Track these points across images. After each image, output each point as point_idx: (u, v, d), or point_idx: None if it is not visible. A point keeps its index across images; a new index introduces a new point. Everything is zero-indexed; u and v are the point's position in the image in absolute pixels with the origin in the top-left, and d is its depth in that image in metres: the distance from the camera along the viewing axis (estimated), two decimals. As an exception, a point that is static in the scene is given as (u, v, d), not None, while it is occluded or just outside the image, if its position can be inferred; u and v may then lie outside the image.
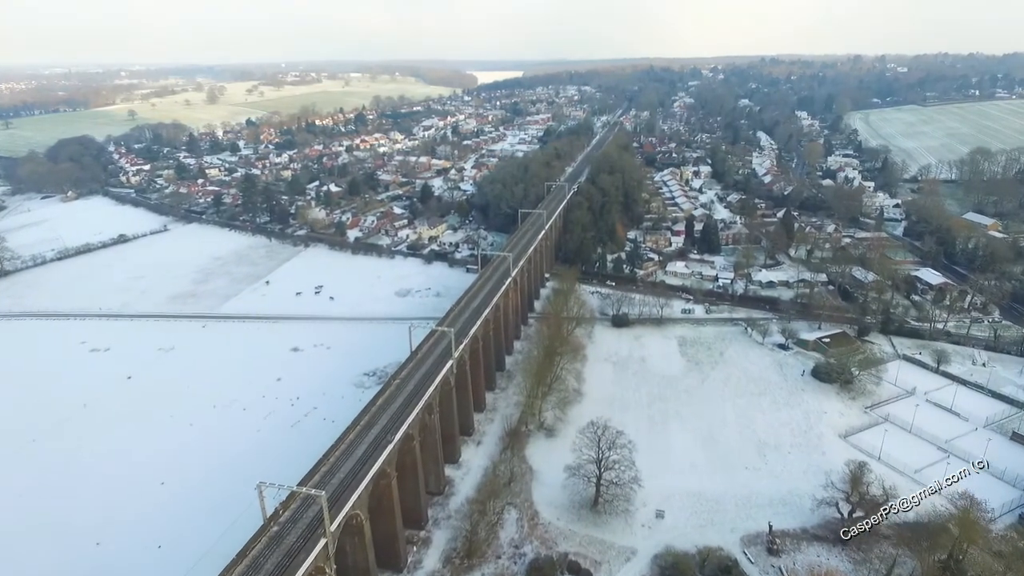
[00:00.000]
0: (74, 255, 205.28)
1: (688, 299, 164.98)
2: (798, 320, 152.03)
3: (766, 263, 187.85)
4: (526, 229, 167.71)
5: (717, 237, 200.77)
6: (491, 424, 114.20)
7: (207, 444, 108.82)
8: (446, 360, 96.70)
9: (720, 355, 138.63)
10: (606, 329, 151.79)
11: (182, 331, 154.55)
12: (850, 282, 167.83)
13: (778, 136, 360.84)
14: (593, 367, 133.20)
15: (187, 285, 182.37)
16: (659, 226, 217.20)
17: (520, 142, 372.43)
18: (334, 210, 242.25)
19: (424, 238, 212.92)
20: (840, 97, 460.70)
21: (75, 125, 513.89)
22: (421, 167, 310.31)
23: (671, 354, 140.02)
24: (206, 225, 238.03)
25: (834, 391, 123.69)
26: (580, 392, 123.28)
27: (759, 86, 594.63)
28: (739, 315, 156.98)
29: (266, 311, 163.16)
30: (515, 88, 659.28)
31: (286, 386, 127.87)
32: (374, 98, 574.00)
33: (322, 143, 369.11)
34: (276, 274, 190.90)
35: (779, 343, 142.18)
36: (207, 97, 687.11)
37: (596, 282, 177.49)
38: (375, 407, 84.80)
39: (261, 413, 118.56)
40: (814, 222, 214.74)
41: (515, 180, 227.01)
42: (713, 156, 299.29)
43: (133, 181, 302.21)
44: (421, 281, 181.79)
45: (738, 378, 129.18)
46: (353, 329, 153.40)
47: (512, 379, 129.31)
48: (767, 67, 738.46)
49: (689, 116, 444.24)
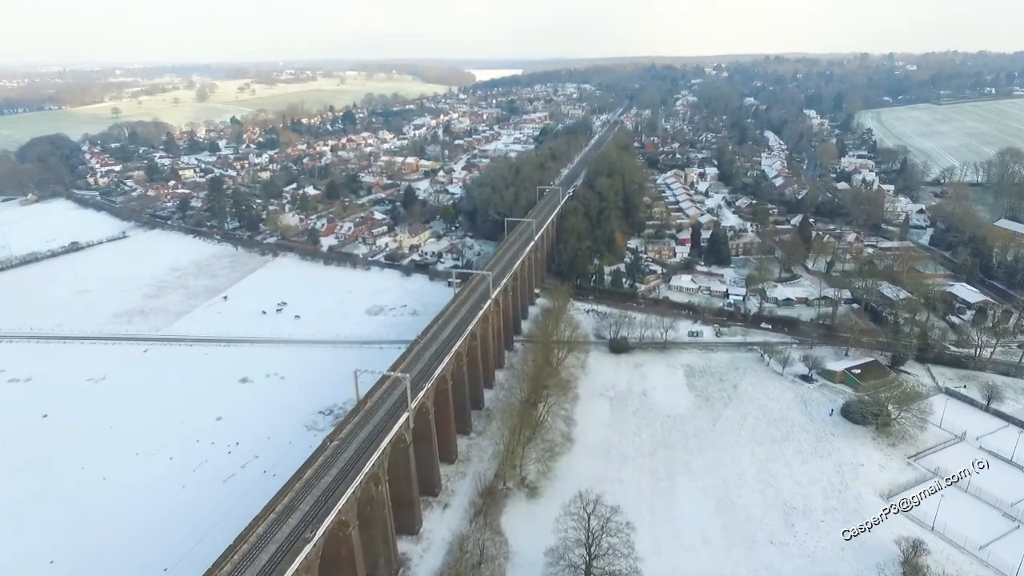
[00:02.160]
0: (18, 265, 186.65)
1: (696, 319, 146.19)
2: (822, 345, 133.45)
3: (781, 276, 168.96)
4: (512, 240, 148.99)
5: (727, 246, 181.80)
6: (462, 480, 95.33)
7: (117, 506, 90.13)
8: (399, 413, 77.88)
9: (734, 388, 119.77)
10: (603, 355, 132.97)
11: (120, 356, 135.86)
12: (878, 300, 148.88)
13: (787, 136, 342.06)
14: (586, 405, 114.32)
15: (137, 300, 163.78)
16: (662, 234, 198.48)
17: (515, 142, 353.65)
18: (310, 215, 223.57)
19: (404, 247, 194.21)
20: (850, 95, 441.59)
21: (55, 123, 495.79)
22: (408, 168, 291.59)
23: (677, 387, 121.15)
24: (170, 231, 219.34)
25: (869, 436, 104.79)
26: (570, 438, 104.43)
27: (764, 84, 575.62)
28: (754, 339, 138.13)
29: (220, 332, 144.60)
30: (513, 86, 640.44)
31: (226, 427, 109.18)
32: (366, 96, 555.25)
33: (306, 143, 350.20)
34: (238, 288, 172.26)
35: (801, 374, 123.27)
36: (196, 95, 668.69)
37: (593, 298, 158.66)
38: (301, 482, 66.09)
39: (191, 463, 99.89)
40: (832, 230, 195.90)
41: (505, 183, 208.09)
42: (720, 157, 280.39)
43: (101, 183, 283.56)
44: (397, 297, 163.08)
45: (756, 418, 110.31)
46: (314, 354, 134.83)
47: (492, 420, 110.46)
48: (772, 65, 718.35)
49: (693, 115, 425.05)
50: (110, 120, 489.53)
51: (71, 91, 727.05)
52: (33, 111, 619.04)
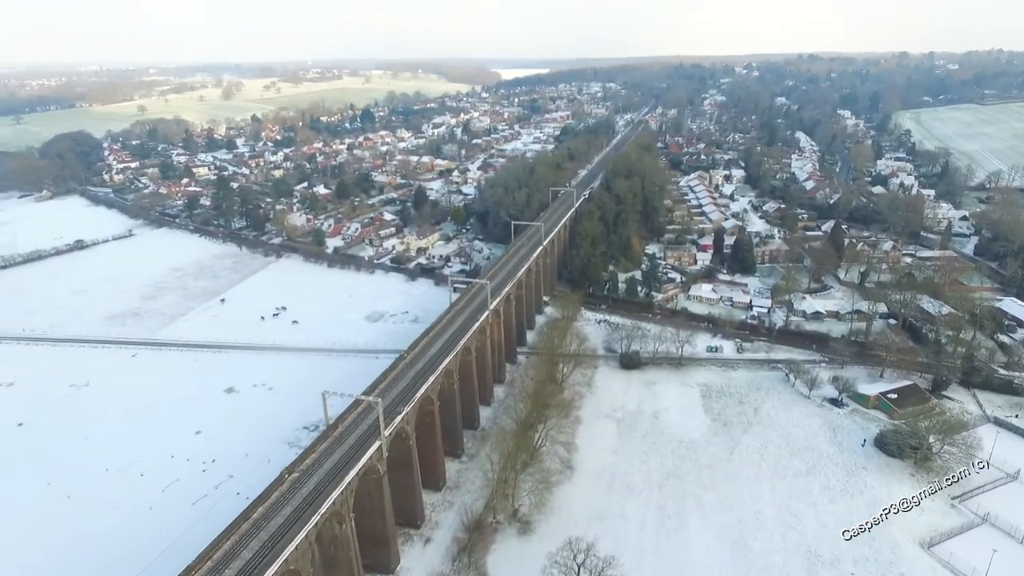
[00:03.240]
0: (21, 263, 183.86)
1: (715, 333, 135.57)
2: (854, 365, 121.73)
3: (810, 287, 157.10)
4: (519, 246, 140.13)
5: (751, 254, 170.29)
6: (448, 511, 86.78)
7: (76, 528, 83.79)
8: (371, 441, 69.68)
9: (754, 412, 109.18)
10: (612, 371, 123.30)
11: (107, 361, 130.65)
12: (917, 315, 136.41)
13: (819, 137, 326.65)
14: (591, 427, 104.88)
15: (133, 302, 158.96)
16: (683, 239, 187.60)
17: (535, 141, 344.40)
18: (319, 215, 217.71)
19: (412, 249, 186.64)
20: (887, 95, 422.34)
21: (82, 121, 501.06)
22: (424, 168, 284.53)
23: (692, 408, 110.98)
24: (177, 230, 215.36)
25: (907, 471, 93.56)
26: (570, 465, 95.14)
27: (796, 83, 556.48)
28: (778, 356, 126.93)
29: (212, 337, 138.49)
30: (536, 85, 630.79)
31: (204, 442, 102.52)
32: (388, 94, 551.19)
33: (323, 141, 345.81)
34: (237, 290, 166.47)
35: (831, 397, 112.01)
36: (222, 93, 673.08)
37: (605, 308, 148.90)
38: (248, 523, 58.23)
39: (162, 481, 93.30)
40: (867, 237, 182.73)
41: (518, 184, 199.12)
42: (747, 158, 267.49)
43: (116, 180, 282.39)
44: (399, 303, 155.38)
45: (778, 447, 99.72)
46: (306, 363, 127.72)
47: (487, 441, 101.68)
48: (805, 64, 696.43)
49: (720, 115, 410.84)
50: (135, 118, 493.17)
51: (102, 89, 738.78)
52: (65, 109, 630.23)
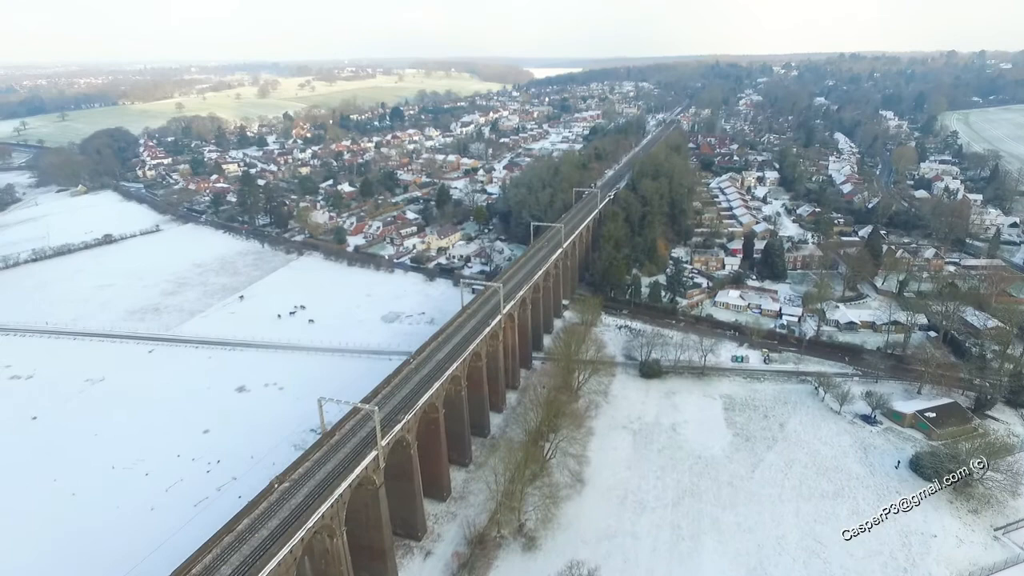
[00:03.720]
0: (51, 256, 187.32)
1: (741, 342, 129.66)
2: (889, 380, 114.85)
3: (845, 296, 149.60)
4: (538, 248, 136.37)
5: (782, 259, 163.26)
6: (451, 523, 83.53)
7: (76, 527, 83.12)
8: (367, 451, 66.84)
9: (780, 427, 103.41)
10: (631, 380, 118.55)
11: (124, 356, 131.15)
12: (960, 328, 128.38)
13: (860, 138, 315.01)
14: (605, 438, 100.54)
15: (154, 297, 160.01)
16: (711, 243, 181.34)
17: (563, 141, 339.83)
18: (342, 212, 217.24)
19: (432, 249, 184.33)
20: (933, 95, 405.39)
21: (122, 118, 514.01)
22: (449, 166, 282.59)
23: (713, 422, 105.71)
24: (203, 226, 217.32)
25: (945, 498, 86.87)
26: (581, 478, 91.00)
27: (837, 83, 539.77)
28: (808, 368, 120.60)
29: (228, 334, 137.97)
30: (568, 84, 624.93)
31: (211, 442, 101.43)
32: (418, 92, 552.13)
33: (351, 139, 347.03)
34: (257, 287, 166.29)
35: (863, 414, 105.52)
36: (258, 91, 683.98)
37: (627, 313, 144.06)
38: (232, 535, 55.86)
39: (166, 481, 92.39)
40: (907, 244, 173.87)
41: (542, 184, 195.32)
42: (782, 160, 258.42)
43: (148, 175, 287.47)
44: (416, 303, 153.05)
45: (804, 466, 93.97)
46: (318, 363, 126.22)
47: (496, 450, 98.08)
48: (846, 64, 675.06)
49: (756, 115, 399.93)
50: (171, 115, 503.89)
51: (144, 87, 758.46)
52: (108, 106, 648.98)
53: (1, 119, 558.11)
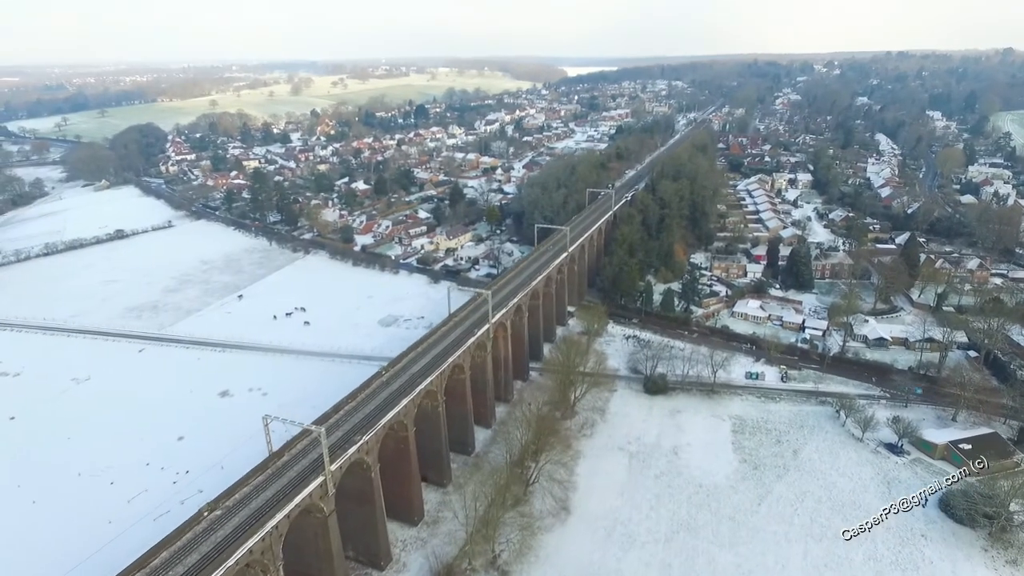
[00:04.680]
0: (63, 251, 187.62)
1: (758, 357, 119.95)
2: (920, 404, 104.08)
3: (876, 308, 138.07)
4: (541, 252, 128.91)
5: (809, 267, 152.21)
6: (420, 551, 76.85)
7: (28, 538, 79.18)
8: (312, 477, 60.67)
9: (793, 454, 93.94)
10: (633, 396, 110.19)
11: (114, 354, 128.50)
12: (1005, 348, 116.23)
13: (903, 140, 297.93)
14: (598, 460, 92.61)
15: (155, 294, 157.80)
16: (734, 249, 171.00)
17: (587, 140, 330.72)
18: (354, 211, 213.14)
19: (440, 250, 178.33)
20: (986, 95, 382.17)
21: (159, 114, 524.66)
22: (469, 165, 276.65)
23: (719, 445, 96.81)
24: (215, 223, 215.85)
25: (979, 544, 76.79)
26: (566, 506, 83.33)
27: (882, 82, 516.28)
28: (829, 388, 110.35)
29: (221, 335, 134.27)
30: (599, 82, 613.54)
31: (184, 450, 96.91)
32: (447, 90, 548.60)
33: (373, 136, 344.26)
34: (258, 286, 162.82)
35: (888, 443, 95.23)
36: (292, 89, 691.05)
37: (637, 322, 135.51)
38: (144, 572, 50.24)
39: (130, 491, 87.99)
40: (949, 253, 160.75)
41: (557, 184, 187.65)
42: (816, 161, 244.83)
43: (171, 171, 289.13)
44: (417, 306, 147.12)
45: (817, 500, 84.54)
46: (307, 367, 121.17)
47: (479, 469, 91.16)
48: (893, 62, 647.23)
49: (792, 115, 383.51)
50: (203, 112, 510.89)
51: (182, 85, 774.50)
52: (147, 103, 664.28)
53: (47, 115, 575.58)
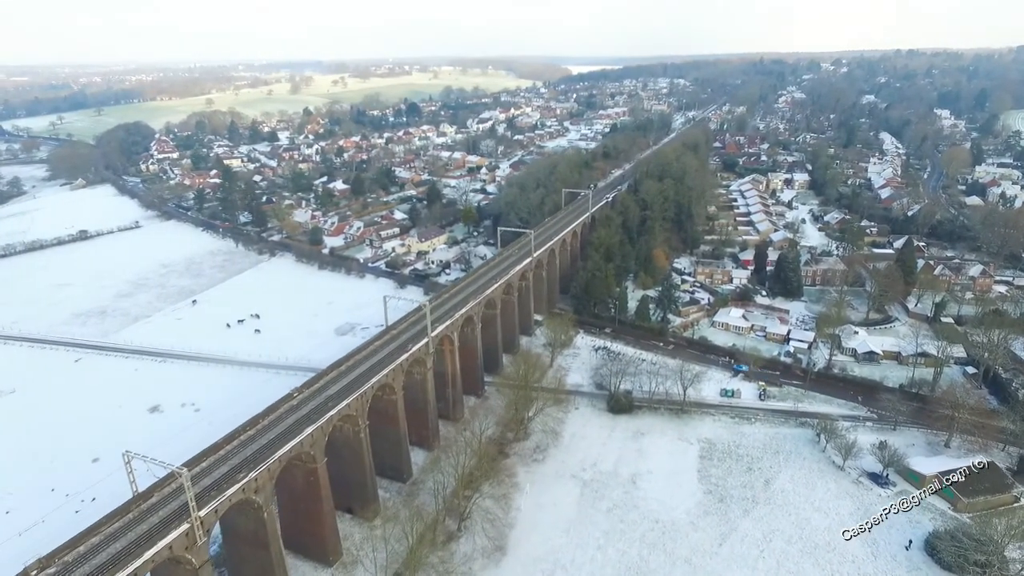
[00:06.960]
0: (21, 252, 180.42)
1: (735, 370, 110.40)
2: (910, 427, 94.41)
3: (869, 319, 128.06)
4: (505, 256, 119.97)
5: (797, 273, 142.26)
6: (328, 599, 68.17)
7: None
8: (175, 525, 51.96)
9: (765, 485, 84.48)
10: (595, 415, 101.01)
11: (49, 364, 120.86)
12: (1008, 364, 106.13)
13: (908, 138, 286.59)
14: (545, 490, 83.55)
15: (106, 299, 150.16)
16: (720, 253, 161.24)
17: (581, 138, 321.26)
18: (329, 211, 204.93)
19: (412, 252, 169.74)
20: (997, 93, 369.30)
21: (152, 113, 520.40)
22: (455, 164, 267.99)
23: (683, 473, 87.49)
24: (184, 223, 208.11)
25: (969, 595, 67.00)
26: (501, 546, 74.30)
27: (890, 80, 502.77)
28: (811, 407, 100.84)
29: (166, 343, 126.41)
30: (600, 80, 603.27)
31: (97, 474, 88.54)
32: (444, 88, 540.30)
33: (362, 135, 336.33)
34: (215, 291, 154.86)
35: (872, 472, 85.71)
36: (291, 88, 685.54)
37: (610, 332, 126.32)
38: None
39: (26, 521, 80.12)
40: (949, 259, 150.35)
41: (536, 183, 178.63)
42: (814, 161, 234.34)
43: (151, 170, 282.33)
44: (377, 313, 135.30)
45: (787, 540, 75.11)
46: (248, 380, 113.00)
47: (415, 496, 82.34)
48: (902, 60, 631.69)
49: (794, 113, 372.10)
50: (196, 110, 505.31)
51: (182, 84, 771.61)
52: (146, 102, 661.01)
53: (45, 113, 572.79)
